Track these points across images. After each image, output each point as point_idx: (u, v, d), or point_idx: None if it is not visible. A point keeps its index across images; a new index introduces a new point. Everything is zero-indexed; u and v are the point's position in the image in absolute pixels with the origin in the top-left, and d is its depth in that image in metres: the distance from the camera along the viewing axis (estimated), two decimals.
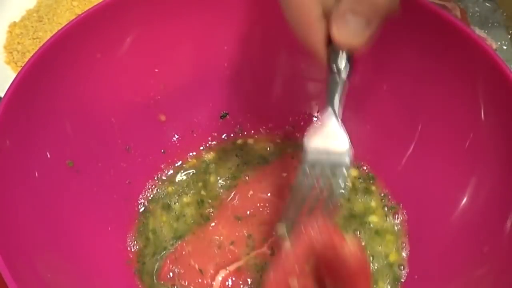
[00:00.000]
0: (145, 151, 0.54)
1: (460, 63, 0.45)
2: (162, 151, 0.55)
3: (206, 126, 0.57)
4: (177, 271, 0.48)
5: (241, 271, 0.48)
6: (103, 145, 0.50)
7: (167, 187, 0.54)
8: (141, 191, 0.54)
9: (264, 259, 0.48)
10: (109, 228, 0.49)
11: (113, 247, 0.49)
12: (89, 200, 0.48)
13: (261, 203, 0.51)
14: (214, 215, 0.52)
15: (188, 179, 0.55)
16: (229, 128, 0.58)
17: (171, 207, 0.53)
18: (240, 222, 0.50)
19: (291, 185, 0.43)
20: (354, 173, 0.54)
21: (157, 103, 0.54)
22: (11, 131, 0.41)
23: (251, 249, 0.49)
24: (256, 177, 0.54)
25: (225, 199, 0.53)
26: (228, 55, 0.54)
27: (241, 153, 0.56)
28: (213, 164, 0.56)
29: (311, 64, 0.43)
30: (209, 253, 0.49)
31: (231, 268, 0.48)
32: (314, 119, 0.56)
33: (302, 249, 0.40)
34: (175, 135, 0.56)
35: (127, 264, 0.49)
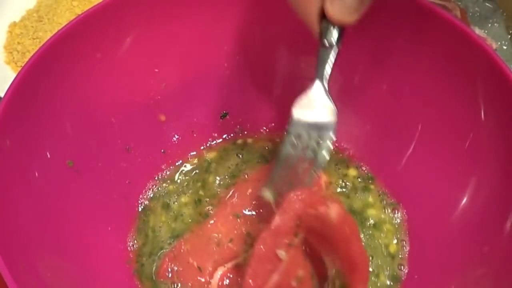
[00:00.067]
0: (145, 151, 0.54)
1: (460, 63, 0.45)
2: (162, 151, 0.55)
3: (206, 126, 0.57)
4: (176, 269, 0.48)
5: (239, 268, 0.48)
6: (103, 145, 0.50)
7: (168, 186, 0.54)
8: (141, 191, 0.54)
9: None
10: (109, 228, 0.49)
11: (113, 247, 0.49)
12: (89, 200, 0.48)
13: (260, 201, 0.51)
14: (213, 213, 0.52)
15: (188, 178, 0.55)
16: (229, 128, 0.58)
17: (170, 206, 0.53)
18: (239, 219, 0.50)
19: (277, 154, 0.44)
20: (353, 172, 0.54)
21: (157, 103, 0.54)
22: (11, 131, 0.41)
23: (249, 246, 0.49)
24: (255, 175, 0.54)
25: (224, 197, 0.53)
26: (228, 55, 0.54)
27: (241, 153, 0.56)
28: (214, 163, 0.56)
29: (311, 64, 0.43)
30: (208, 250, 0.49)
31: (229, 265, 0.48)
32: None
33: (288, 222, 0.40)
34: (175, 135, 0.56)
35: (127, 264, 0.49)
